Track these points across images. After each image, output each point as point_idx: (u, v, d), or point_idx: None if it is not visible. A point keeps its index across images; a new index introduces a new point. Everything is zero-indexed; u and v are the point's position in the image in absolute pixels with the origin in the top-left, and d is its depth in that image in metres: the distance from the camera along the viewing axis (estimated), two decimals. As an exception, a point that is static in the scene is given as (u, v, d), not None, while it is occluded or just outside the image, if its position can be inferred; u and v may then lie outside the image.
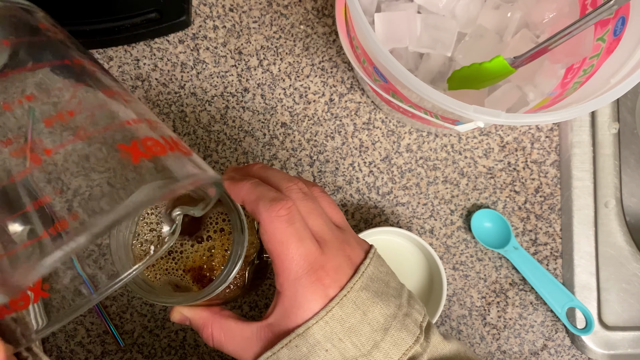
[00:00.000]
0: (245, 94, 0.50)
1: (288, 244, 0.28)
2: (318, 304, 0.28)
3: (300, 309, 0.28)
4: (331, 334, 0.28)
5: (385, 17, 0.43)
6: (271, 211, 0.28)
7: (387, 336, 0.28)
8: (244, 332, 0.30)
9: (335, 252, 0.29)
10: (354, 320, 0.28)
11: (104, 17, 0.47)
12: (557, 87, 0.43)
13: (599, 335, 0.50)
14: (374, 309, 0.29)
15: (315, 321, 0.28)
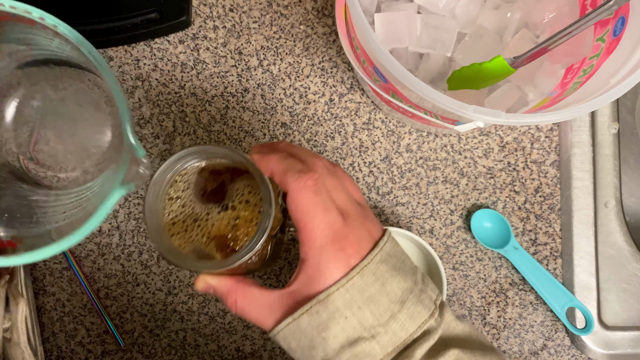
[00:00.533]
0: (245, 94, 0.50)
1: (314, 214, 0.29)
2: (340, 271, 0.29)
3: (322, 276, 0.29)
4: (351, 301, 0.29)
5: (385, 17, 0.43)
6: (299, 181, 0.29)
7: (404, 308, 0.29)
8: (267, 300, 0.31)
9: (358, 225, 0.30)
10: (373, 290, 0.29)
11: (104, 17, 0.47)
12: (556, 87, 0.43)
13: (598, 335, 0.50)
14: (392, 282, 0.30)
15: (336, 288, 0.29)
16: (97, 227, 0.33)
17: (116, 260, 0.49)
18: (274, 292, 0.31)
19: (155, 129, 0.50)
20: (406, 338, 0.29)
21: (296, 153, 0.32)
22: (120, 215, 0.49)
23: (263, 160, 0.31)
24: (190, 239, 0.33)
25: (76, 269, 0.48)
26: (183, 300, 0.49)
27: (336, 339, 0.29)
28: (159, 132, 0.50)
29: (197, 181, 0.34)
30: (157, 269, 0.49)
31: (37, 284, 0.48)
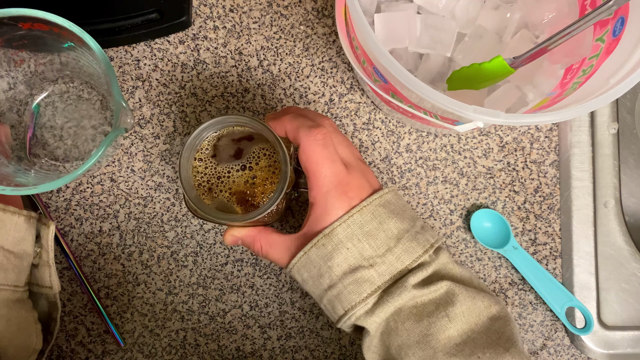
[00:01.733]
0: (245, 94, 0.50)
1: (322, 163, 0.34)
2: (343, 210, 0.34)
3: (328, 214, 0.34)
4: (352, 234, 0.34)
5: (385, 18, 0.43)
6: (310, 135, 0.34)
7: (400, 244, 0.34)
8: (285, 242, 0.37)
9: (359, 175, 0.35)
10: (371, 226, 0.34)
11: (104, 18, 0.47)
12: (556, 88, 0.43)
13: (598, 334, 0.50)
14: (389, 222, 0.34)
15: (339, 223, 0.34)
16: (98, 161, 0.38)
17: (116, 260, 0.49)
18: (290, 235, 0.37)
19: (155, 129, 0.50)
20: (402, 269, 0.34)
21: (305, 114, 0.37)
22: (121, 215, 0.49)
23: (277, 122, 0.36)
24: (214, 197, 0.38)
25: (76, 269, 0.48)
26: (183, 300, 0.49)
27: (339, 267, 0.34)
28: (160, 132, 0.50)
29: (219, 146, 0.39)
30: (158, 268, 0.49)
31: (38, 283, 0.48)
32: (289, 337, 0.49)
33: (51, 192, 0.48)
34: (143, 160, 0.49)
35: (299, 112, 0.38)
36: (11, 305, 0.38)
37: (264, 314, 0.49)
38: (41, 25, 0.37)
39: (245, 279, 0.49)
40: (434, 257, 0.35)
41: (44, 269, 0.41)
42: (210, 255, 0.49)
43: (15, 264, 0.38)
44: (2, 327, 0.37)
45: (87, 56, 0.40)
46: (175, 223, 0.49)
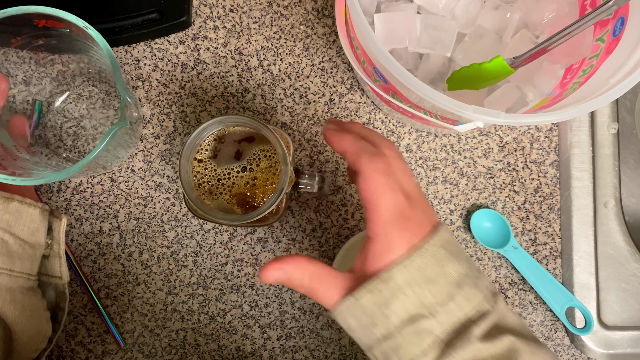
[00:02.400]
0: (245, 94, 0.50)
1: (384, 194, 0.31)
2: (403, 248, 0.31)
3: (389, 251, 0.31)
4: (411, 280, 0.30)
5: (385, 18, 0.43)
6: (371, 164, 0.31)
7: (461, 290, 0.31)
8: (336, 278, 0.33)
9: (420, 208, 0.32)
10: (431, 271, 0.31)
11: (104, 18, 0.47)
12: (556, 88, 0.43)
13: (598, 334, 0.50)
14: (450, 265, 0.31)
15: (398, 268, 0.30)
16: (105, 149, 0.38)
17: (116, 260, 0.49)
18: (342, 273, 0.33)
19: (155, 129, 0.50)
20: (463, 318, 0.31)
21: (369, 136, 0.34)
22: (121, 215, 0.49)
23: (337, 137, 0.34)
24: (214, 197, 0.38)
25: (76, 269, 0.48)
26: (183, 299, 0.49)
27: (397, 315, 0.30)
28: (160, 132, 0.50)
29: (219, 146, 0.39)
30: (158, 268, 0.49)
31: (38, 283, 0.48)
32: (289, 337, 0.49)
33: (51, 192, 0.48)
34: (143, 160, 0.49)
35: (362, 132, 0.35)
36: (25, 292, 0.40)
37: (264, 314, 0.49)
38: (54, 23, 0.39)
39: (245, 279, 0.49)
40: (493, 304, 0.32)
41: (55, 260, 0.42)
42: (210, 255, 0.49)
43: (29, 253, 0.40)
44: (18, 312, 0.39)
45: (96, 52, 0.41)
46: (175, 223, 0.49)
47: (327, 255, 0.50)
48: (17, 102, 0.47)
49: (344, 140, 0.33)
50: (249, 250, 0.49)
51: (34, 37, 0.41)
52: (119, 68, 0.38)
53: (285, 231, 0.50)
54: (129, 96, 0.38)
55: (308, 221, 0.50)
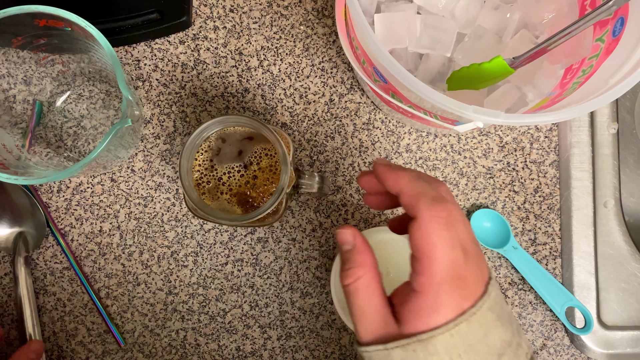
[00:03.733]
0: (245, 94, 0.50)
1: (441, 247, 0.27)
2: (453, 312, 0.27)
3: (436, 312, 0.28)
4: (452, 347, 0.27)
5: (385, 18, 0.43)
6: (432, 210, 0.28)
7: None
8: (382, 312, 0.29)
9: (475, 265, 0.28)
10: (475, 339, 0.28)
11: (104, 18, 0.47)
12: (556, 88, 0.43)
13: (598, 334, 0.50)
14: (495, 332, 0.28)
15: (441, 332, 0.27)
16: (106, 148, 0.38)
17: (117, 260, 0.49)
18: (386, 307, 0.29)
19: (155, 129, 0.50)
20: None
21: (421, 175, 0.31)
22: (121, 215, 0.49)
23: (393, 174, 0.30)
24: (215, 197, 0.39)
25: (77, 269, 0.48)
26: (183, 299, 0.49)
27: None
28: (160, 133, 0.50)
29: (219, 146, 0.39)
30: (158, 268, 0.49)
31: (38, 283, 0.48)
32: (289, 336, 0.49)
33: (51, 192, 0.48)
34: (143, 160, 0.49)
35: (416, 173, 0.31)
36: None
37: (264, 313, 0.49)
38: (55, 22, 0.39)
39: (246, 279, 0.49)
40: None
41: None
42: (211, 255, 0.49)
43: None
44: None
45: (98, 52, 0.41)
46: (175, 223, 0.49)
47: (327, 255, 0.50)
48: (17, 102, 0.47)
49: (401, 178, 0.29)
50: (249, 250, 0.49)
51: (34, 37, 0.41)
52: (120, 65, 0.38)
53: (285, 231, 0.50)
54: (131, 94, 0.38)
55: (308, 221, 0.50)
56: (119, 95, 0.49)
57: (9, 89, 0.46)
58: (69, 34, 0.40)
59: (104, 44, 0.38)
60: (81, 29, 0.38)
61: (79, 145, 0.49)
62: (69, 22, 0.38)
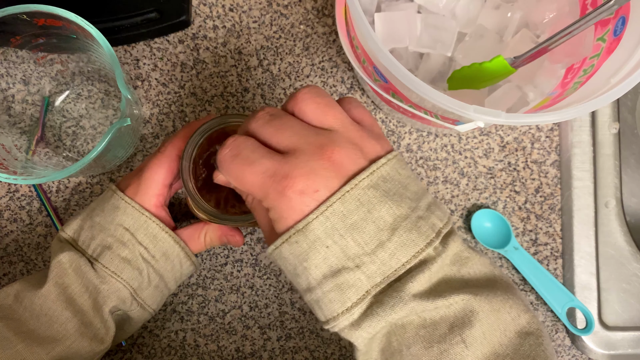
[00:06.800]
0: (245, 94, 0.50)
1: (243, 174, 0.28)
2: (296, 213, 0.27)
3: (282, 221, 0.28)
4: (332, 229, 0.27)
5: (385, 17, 0.43)
6: (218, 159, 0.29)
7: (394, 236, 0.27)
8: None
9: (309, 157, 0.27)
10: (356, 217, 0.27)
11: (103, 17, 0.47)
12: (557, 87, 0.43)
13: (599, 335, 0.50)
14: (381, 208, 0.27)
15: (315, 216, 0.27)
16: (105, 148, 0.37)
17: (116, 260, 0.49)
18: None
19: (155, 128, 0.49)
20: (397, 268, 0.27)
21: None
22: (120, 215, 0.49)
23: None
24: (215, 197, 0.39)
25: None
26: (183, 300, 0.49)
27: (318, 269, 0.27)
28: (159, 132, 0.49)
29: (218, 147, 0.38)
30: (157, 269, 0.49)
31: (37, 284, 0.48)
32: (289, 337, 0.49)
33: (50, 192, 0.48)
34: (142, 160, 0.49)
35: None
36: None
37: (263, 314, 0.49)
38: (54, 21, 0.39)
39: (245, 280, 0.49)
40: (441, 249, 0.28)
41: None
42: (210, 255, 0.49)
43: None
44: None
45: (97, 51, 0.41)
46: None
47: (327, 256, 0.49)
48: (15, 101, 0.47)
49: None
50: (249, 250, 0.49)
51: (33, 36, 0.41)
52: (119, 65, 0.38)
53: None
54: (130, 94, 0.38)
55: (308, 221, 0.49)
56: (118, 94, 0.49)
57: (7, 88, 0.46)
58: (67, 34, 0.40)
59: (103, 43, 0.38)
60: (80, 28, 0.38)
61: (77, 145, 0.48)
62: (67, 22, 0.38)
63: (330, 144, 0.27)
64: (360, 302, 0.27)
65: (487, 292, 0.28)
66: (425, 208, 0.29)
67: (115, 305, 0.38)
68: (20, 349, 0.35)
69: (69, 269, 0.37)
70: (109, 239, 0.38)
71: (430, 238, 0.28)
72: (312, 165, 0.27)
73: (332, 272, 0.27)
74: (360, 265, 0.27)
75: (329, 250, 0.27)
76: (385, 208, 0.27)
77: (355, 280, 0.27)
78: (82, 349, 0.37)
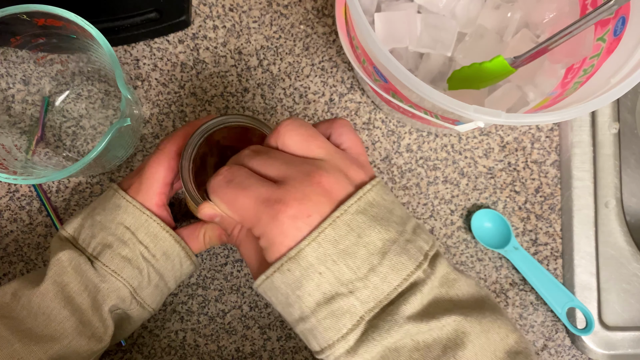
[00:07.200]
0: (245, 94, 0.50)
1: (236, 198, 0.29)
2: (288, 238, 0.27)
3: (273, 247, 0.28)
4: (324, 255, 0.27)
5: (385, 17, 0.43)
6: (211, 185, 0.30)
7: (385, 260, 0.28)
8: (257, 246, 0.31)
9: (300, 183, 0.28)
10: (347, 242, 0.27)
11: (103, 17, 0.47)
12: (557, 87, 0.43)
13: (599, 335, 0.50)
14: (371, 233, 0.28)
15: (307, 242, 0.27)
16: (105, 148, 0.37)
17: (116, 260, 0.49)
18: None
19: (155, 128, 0.49)
20: (390, 292, 0.28)
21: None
22: (120, 215, 0.49)
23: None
24: None
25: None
26: (183, 300, 0.49)
27: (312, 297, 0.27)
28: (159, 132, 0.49)
29: (219, 146, 0.39)
30: (157, 269, 0.49)
31: (37, 284, 0.48)
32: (289, 337, 0.49)
33: (50, 192, 0.48)
34: (142, 160, 0.49)
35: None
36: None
37: (263, 314, 0.49)
38: (54, 21, 0.39)
39: (245, 280, 0.49)
40: (430, 271, 0.29)
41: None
42: (210, 255, 0.49)
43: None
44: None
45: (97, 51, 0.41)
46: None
47: (327, 256, 0.50)
48: (15, 101, 0.47)
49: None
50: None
51: (33, 36, 0.41)
52: (119, 65, 0.38)
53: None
54: (130, 94, 0.38)
55: (308, 221, 0.49)
56: (118, 94, 0.49)
57: (7, 88, 0.46)
58: (67, 34, 0.40)
59: (103, 43, 0.38)
60: (80, 28, 0.38)
61: (77, 145, 0.48)
62: (67, 22, 0.38)
63: (318, 171, 0.28)
64: (355, 328, 0.27)
65: (476, 313, 0.29)
66: (412, 232, 0.29)
67: (115, 304, 0.38)
68: (17, 348, 0.35)
69: (68, 267, 0.37)
70: (110, 237, 0.38)
71: (419, 261, 0.28)
72: (305, 191, 0.27)
73: (326, 299, 0.27)
74: (353, 290, 0.27)
75: (322, 277, 0.27)
76: (374, 232, 0.28)
77: (349, 306, 0.27)
78: (80, 347, 0.37)
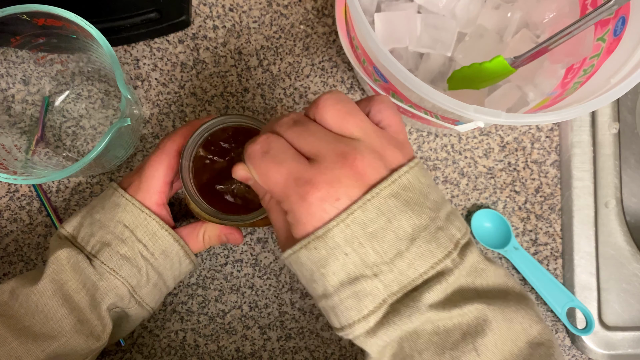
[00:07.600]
0: (245, 94, 0.50)
1: (269, 171, 0.28)
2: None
3: (300, 225, 0.28)
4: (352, 237, 0.27)
5: (385, 17, 0.43)
6: (248, 152, 0.29)
7: (413, 246, 0.27)
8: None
9: (333, 164, 0.28)
10: (376, 226, 0.27)
11: (103, 17, 0.47)
12: (557, 87, 0.43)
13: (599, 335, 0.50)
14: (401, 218, 0.27)
15: (335, 223, 0.27)
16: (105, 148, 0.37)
17: (116, 260, 0.49)
18: None
19: (155, 128, 0.49)
20: (415, 278, 0.27)
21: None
22: (120, 215, 0.49)
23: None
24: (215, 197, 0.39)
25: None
26: (183, 300, 0.49)
27: (335, 276, 0.28)
28: (159, 132, 0.49)
29: (219, 146, 0.39)
30: (157, 269, 0.49)
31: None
32: (289, 337, 0.49)
33: (50, 192, 0.48)
34: (142, 160, 0.49)
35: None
36: None
37: (263, 314, 0.49)
38: (54, 21, 0.39)
39: (245, 280, 0.49)
40: (458, 260, 0.28)
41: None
42: (210, 255, 0.49)
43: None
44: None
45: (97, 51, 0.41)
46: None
47: (327, 256, 0.50)
48: (15, 101, 0.47)
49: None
50: (249, 250, 0.49)
51: (33, 36, 0.41)
52: (119, 65, 0.38)
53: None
54: (130, 94, 0.38)
55: (308, 221, 0.49)
56: (118, 94, 0.49)
57: (7, 88, 0.46)
58: (67, 34, 0.40)
59: (103, 43, 0.38)
60: (80, 28, 0.38)
61: (77, 145, 0.48)
62: (67, 22, 0.38)
63: (353, 152, 0.28)
64: (377, 311, 0.28)
65: (500, 302, 0.29)
66: (445, 218, 0.29)
67: (113, 302, 0.38)
68: (15, 346, 0.35)
69: (67, 265, 0.37)
70: (109, 235, 0.38)
71: (448, 250, 0.28)
72: (336, 173, 0.27)
73: (350, 279, 0.28)
74: (378, 273, 0.27)
75: (347, 258, 0.27)
76: (405, 218, 0.28)
77: (372, 289, 0.27)
78: (78, 346, 0.37)
